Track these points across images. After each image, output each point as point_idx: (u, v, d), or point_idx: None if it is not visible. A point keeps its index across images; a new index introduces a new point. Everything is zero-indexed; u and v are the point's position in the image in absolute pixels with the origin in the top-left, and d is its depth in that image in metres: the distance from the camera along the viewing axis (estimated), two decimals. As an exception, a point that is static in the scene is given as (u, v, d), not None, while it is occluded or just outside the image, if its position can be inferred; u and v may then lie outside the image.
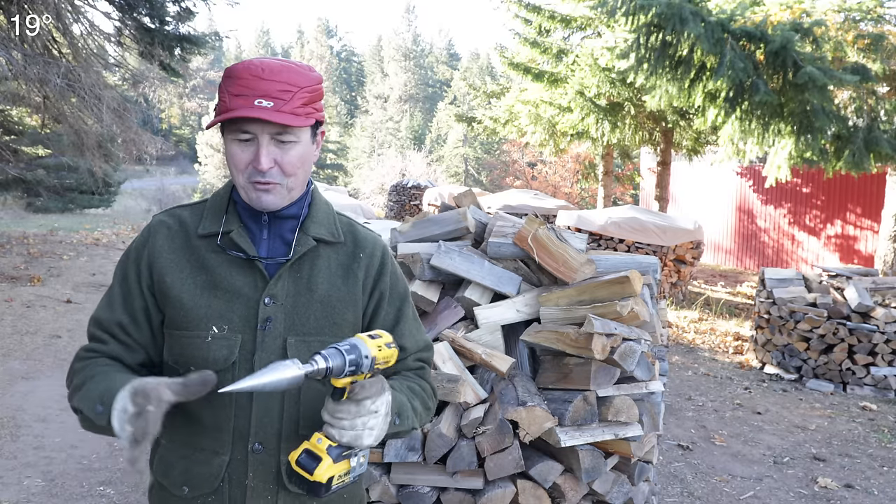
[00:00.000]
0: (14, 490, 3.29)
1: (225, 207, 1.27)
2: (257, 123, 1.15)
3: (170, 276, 1.22)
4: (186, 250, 1.24)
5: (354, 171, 37.56)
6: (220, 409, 1.20)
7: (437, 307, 2.66)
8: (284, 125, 1.15)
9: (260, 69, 1.15)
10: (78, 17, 7.82)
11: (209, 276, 1.22)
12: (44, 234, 12.23)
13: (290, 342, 1.22)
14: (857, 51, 7.59)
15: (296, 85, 1.16)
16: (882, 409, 5.39)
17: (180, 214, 1.29)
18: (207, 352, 1.20)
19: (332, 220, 1.31)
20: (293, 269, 1.24)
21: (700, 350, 7.19)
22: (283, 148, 1.18)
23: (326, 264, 1.27)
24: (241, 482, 1.21)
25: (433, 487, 2.34)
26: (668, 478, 3.88)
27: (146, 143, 9.17)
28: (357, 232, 1.34)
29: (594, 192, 21.36)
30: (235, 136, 1.17)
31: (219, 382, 1.15)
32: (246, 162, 1.18)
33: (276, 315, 1.21)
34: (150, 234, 1.26)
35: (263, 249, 1.25)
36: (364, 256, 1.31)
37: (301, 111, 1.17)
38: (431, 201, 14.50)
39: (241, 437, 1.21)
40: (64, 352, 5.58)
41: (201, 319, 1.20)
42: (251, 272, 1.23)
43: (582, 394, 2.34)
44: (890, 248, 8.82)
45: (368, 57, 55.96)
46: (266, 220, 1.25)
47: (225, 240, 1.23)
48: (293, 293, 1.24)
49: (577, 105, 11.10)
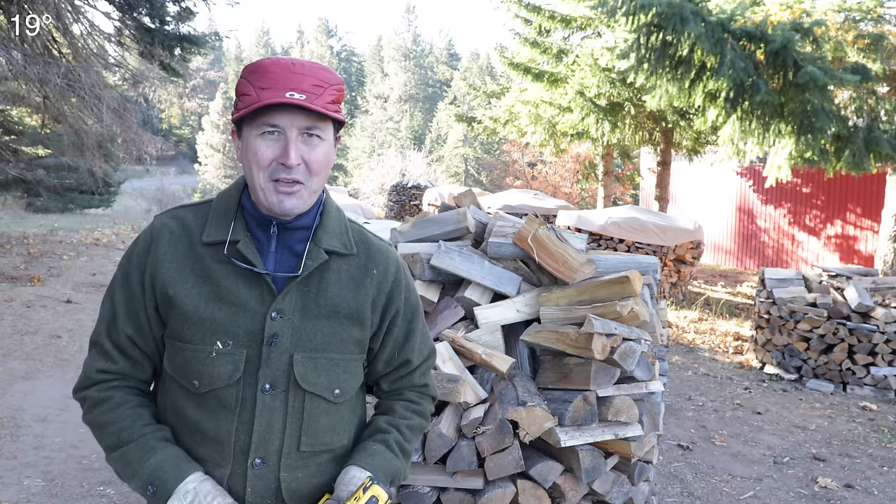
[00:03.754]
0: (14, 490, 3.29)
1: (233, 213, 1.21)
2: (287, 116, 1.12)
3: (173, 288, 1.18)
4: (190, 258, 1.20)
5: (354, 171, 37.56)
6: (222, 423, 1.19)
7: (437, 307, 2.66)
8: (318, 116, 1.13)
9: (290, 63, 1.14)
10: (78, 17, 7.82)
11: (214, 288, 1.18)
12: (44, 234, 12.23)
13: (297, 358, 1.20)
14: (857, 51, 7.59)
15: (326, 81, 1.15)
16: (882, 409, 5.39)
17: (184, 217, 1.24)
18: (212, 367, 1.17)
19: (344, 230, 1.27)
20: (302, 283, 1.21)
21: (700, 350, 7.19)
22: (310, 145, 1.15)
23: (337, 278, 1.24)
24: (240, 496, 1.20)
25: (433, 487, 2.34)
26: (668, 478, 3.88)
27: (146, 143, 9.17)
28: (370, 244, 1.30)
29: (594, 192, 21.36)
30: (261, 131, 1.13)
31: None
32: (270, 158, 1.13)
33: (283, 330, 1.19)
34: (153, 240, 1.22)
35: (271, 261, 1.20)
36: (378, 273, 1.28)
37: (331, 107, 1.15)
38: (431, 201, 14.50)
39: (241, 451, 1.19)
40: (64, 352, 5.57)
41: (206, 333, 1.17)
42: (258, 285, 1.19)
43: (582, 394, 2.34)
44: (890, 248, 8.82)
45: (368, 57, 55.94)
46: (275, 231, 1.21)
47: (231, 250, 1.19)
48: (301, 308, 1.20)
49: (577, 105, 11.10)
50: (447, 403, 2.42)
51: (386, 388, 1.37)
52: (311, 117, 1.13)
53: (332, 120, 1.18)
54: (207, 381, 1.17)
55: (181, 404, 1.21)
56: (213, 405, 1.18)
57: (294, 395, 1.20)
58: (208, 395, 1.18)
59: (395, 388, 1.37)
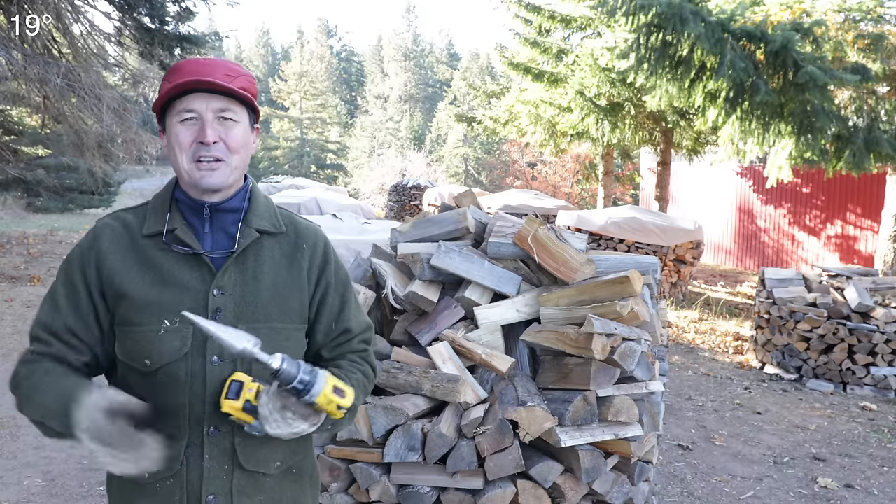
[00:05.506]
0: (14, 490, 3.29)
1: (168, 206, 1.31)
2: (201, 100, 1.23)
3: (118, 276, 1.26)
4: (133, 250, 1.28)
5: (354, 171, 37.54)
6: (176, 397, 1.24)
7: (437, 307, 2.66)
8: (232, 97, 1.24)
9: (202, 60, 1.27)
10: (78, 17, 7.82)
11: (157, 273, 1.26)
12: (44, 234, 12.23)
13: (241, 330, 1.24)
14: (857, 51, 7.59)
15: (236, 72, 1.28)
16: (882, 409, 5.39)
17: (124, 217, 1.33)
18: (161, 344, 1.23)
19: (272, 213, 1.37)
20: (239, 261, 1.29)
21: (700, 350, 7.19)
22: (226, 125, 1.26)
23: (270, 255, 1.33)
24: (198, 465, 1.26)
25: (433, 487, 2.34)
26: (668, 478, 3.88)
27: (146, 143, 9.17)
28: (298, 223, 1.41)
29: (594, 192, 21.35)
30: (180, 118, 1.24)
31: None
32: (190, 140, 1.24)
33: (226, 305, 1.26)
34: (95, 238, 1.29)
35: (208, 243, 1.30)
36: (307, 248, 1.37)
37: (242, 91, 1.26)
38: (431, 201, 14.50)
39: (196, 422, 1.25)
40: (64, 352, 5.57)
41: (153, 314, 1.24)
42: (198, 266, 1.27)
43: (582, 394, 2.34)
44: (890, 248, 8.82)
45: (368, 57, 55.95)
46: (208, 215, 1.30)
47: (170, 237, 1.27)
48: (240, 283, 1.28)
49: (577, 105, 11.09)
50: (447, 403, 2.42)
51: (327, 355, 1.41)
52: (224, 99, 1.25)
53: (247, 106, 1.30)
54: (157, 357, 1.23)
55: (134, 387, 1.25)
56: (165, 381, 1.24)
57: (241, 365, 1.26)
58: (159, 371, 1.24)
59: (337, 353, 1.42)
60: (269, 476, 1.31)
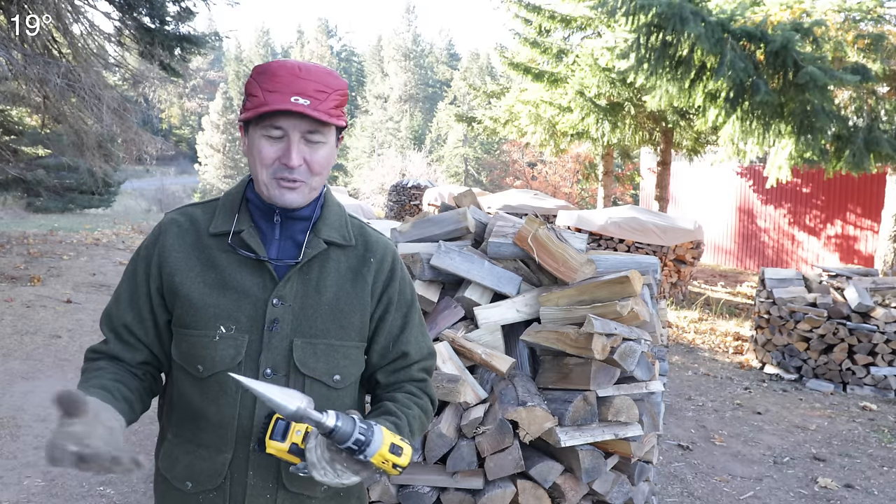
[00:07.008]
0: (14, 490, 3.29)
1: (237, 206, 1.28)
2: (291, 120, 1.17)
3: (179, 275, 1.24)
4: (197, 248, 1.25)
5: (354, 171, 37.55)
6: (225, 408, 1.22)
7: (437, 307, 2.66)
8: (320, 122, 1.18)
9: (297, 68, 1.18)
10: (78, 17, 7.82)
11: (218, 275, 1.23)
12: (44, 234, 12.22)
13: (297, 343, 1.23)
14: (857, 51, 7.59)
15: (330, 86, 1.19)
16: (882, 409, 5.39)
17: (192, 213, 1.30)
18: (214, 351, 1.21)
19: (343, 223, 1.32)
20: (302, 272, 1.25)
21: (700, 350, 7.19)
22: (312, 147, 1.20)
23: (336, 267, 1.28)
24: (242, 480, 1.23)
25: (433, 487, 2.34)
26: (668, 478, 3.88)
27: (146, 143, 9.17)
28: (368, 235, 1.35)
29: (594, 192, 21.35)
30: (265, 132, 1.18)
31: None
32: (273, 158, 1.19)
33: (284, 316, 1.23)
34: (161, 232, 1.28)
35: (274, 250, 1.26)
36: (374, 261, 1.32)
37: (333, 112, 1.19)
38: (431, 201, 14.49)
39: (244, 436, 1.22)
40: (64, 352, 5.57)
41: (209, 318, 1.22)
42: (260, 272, 1.24)
43: (582, 394, 2.34)
44: (890, 248, 8.82)
45: (368, 57, 55.93)
46: (278, 220, 1.26)
47: (236, 239, 1.24)
48: (301, 295, 1.24)
49: (577, 105, 11.09)
50: (447, 403, 2.42)
51: (383, 380, 1.35)
52: (313, 122, 1.18)
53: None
54: (210, 364, 1.21)
55: (187, 392, 1.25)
56: (216, 390, 1.22)
57: (294, 380, 1.23)
58: (211, 379, 1.22)
59: (393, 380, 1.35)
60: (314, 499, 1.27)
